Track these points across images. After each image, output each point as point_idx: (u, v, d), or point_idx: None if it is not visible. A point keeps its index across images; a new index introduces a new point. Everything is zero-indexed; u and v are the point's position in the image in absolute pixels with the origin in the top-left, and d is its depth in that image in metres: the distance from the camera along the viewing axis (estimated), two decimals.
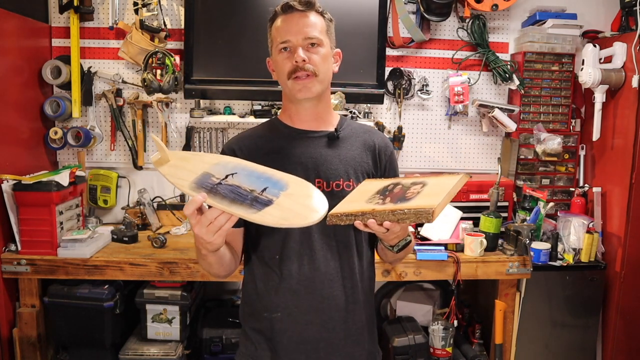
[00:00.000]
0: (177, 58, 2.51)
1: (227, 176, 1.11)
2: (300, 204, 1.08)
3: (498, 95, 2.80)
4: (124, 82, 2.60)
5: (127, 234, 2.37)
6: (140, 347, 2.26)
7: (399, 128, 2.69)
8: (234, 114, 2.64)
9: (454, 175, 1.16)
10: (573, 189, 2.68)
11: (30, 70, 2.42)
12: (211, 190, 1.07)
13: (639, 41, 2.32)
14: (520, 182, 2.68)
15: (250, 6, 2.49)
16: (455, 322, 2.33)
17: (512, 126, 2.65)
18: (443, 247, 2.27)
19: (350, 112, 2.61)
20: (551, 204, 2.48)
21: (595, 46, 2.48)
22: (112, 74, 2.59)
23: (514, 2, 2.57)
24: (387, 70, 2.66)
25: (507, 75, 2.65)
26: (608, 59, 2.49)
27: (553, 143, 2.59)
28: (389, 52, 2.68)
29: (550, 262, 2.37)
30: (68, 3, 2.47)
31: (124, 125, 2.61)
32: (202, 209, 1.06)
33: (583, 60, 2.50)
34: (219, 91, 2.53)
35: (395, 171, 1.43)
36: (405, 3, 2.61)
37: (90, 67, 2.58)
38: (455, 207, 2.44)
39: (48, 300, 2.18)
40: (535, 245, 2.35)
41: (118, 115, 2.59)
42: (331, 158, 1.32)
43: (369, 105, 2.67)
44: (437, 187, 1.13)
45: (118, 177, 2.65)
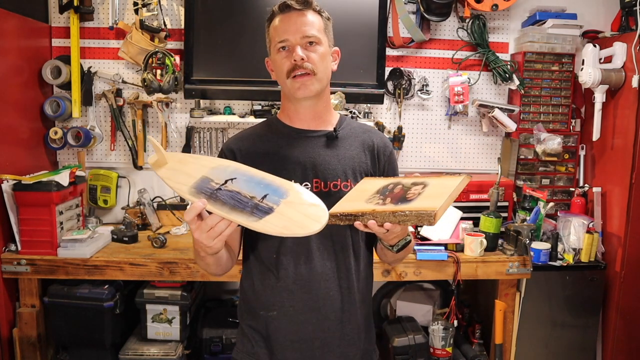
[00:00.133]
0: (177, 58, 2.51)
1: (226, 181, 1.10)
2: (301, 212, 1.07)
3: (498, 95, 2.80)
4: (124, 82, 2.60)
5: (127, 234, 2.37)
6: (140, 347, 2.26)
7: (399, 128, 2.69)
8: (234, 114, 2.64)
9: (455, 176, 1.14)
10: (573, 189, 2.67)
11: (30, 70, 2.42)
12: (211, 196, 1.06)
13: (639, 41, 2.32)
14: (520, 182, 2.68)
15: (250, 6, 2.49)
16: (455, 322, 2.32)
17: (512, 126, 2.65)
18: (443, 247, 2.27)
19: (350, 112, 2.61)
20: (551, 204, 2.48)
21: (595, 46, 2.48)
22: (112, 74, 2.59)
23: (514, 2, 2.57)
24: (387, 70, 2.66)
25: (507, 75, 2.64)
26: (608, 59, 2.48)
27: (553, 143, 2.58)
28: (389, 52, 2.68)
29: (550, 262, 2.37)
30: (68, 3, 2.47)
31: (124, 125, 2.61)
32: (202, 214, 1.06)
33: (583, 60, 2.49)
34: (219, 91, 2.53)
35: (395, 171, 1.42)
36: (405, 3, 2.61)
37: (90, 67, 2.58)
38: (455, 207, 2.44)
39: (48, 300, 2.18)
40: (535, 245, 2.35)
41: (118, 115, 2.59)
42: (329, 158, 1.32)
43: (369, 105, 2.67)
44: (438, 188, 1.11)
45: (118, 177, 2.65)
